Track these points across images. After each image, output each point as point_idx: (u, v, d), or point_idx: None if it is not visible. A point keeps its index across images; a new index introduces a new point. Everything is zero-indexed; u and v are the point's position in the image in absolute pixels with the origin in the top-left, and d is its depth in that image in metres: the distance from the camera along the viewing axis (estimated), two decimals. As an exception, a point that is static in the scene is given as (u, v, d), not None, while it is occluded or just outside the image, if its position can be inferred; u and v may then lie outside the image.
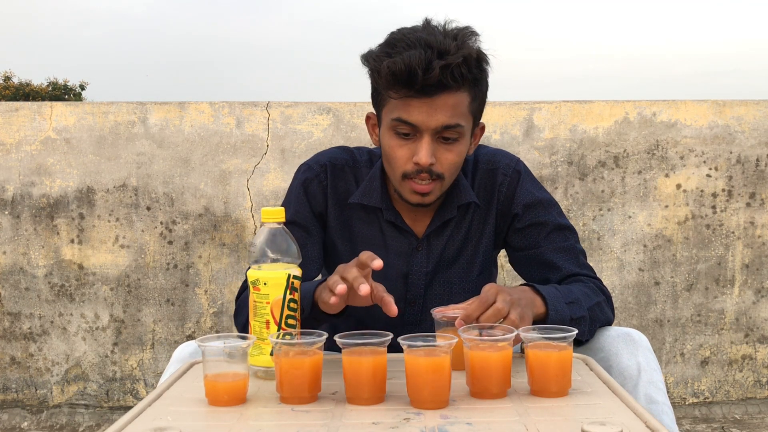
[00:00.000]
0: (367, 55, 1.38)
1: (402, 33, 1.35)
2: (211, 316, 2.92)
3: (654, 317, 2.97)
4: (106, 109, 2.89)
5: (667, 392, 1.40)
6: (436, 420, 1.01)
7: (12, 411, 2.93)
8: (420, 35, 1.32)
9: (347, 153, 1.58)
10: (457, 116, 1.36)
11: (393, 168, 1.41)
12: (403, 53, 1.30)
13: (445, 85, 1.32)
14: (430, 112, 1.34)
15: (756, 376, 3.01)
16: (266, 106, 2.90)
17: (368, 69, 1.39)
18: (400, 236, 1.52)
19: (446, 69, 1.29)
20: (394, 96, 1.35)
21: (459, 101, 1.35)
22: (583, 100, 2.93)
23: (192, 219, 2.90)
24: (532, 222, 1.51)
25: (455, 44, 1.31)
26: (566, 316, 1.35)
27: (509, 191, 1.52)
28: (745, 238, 2.96)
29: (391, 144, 1.40)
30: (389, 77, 1.32)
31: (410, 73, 1.29)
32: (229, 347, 1.10)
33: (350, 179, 1.54)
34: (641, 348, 1.36)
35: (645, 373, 1.33)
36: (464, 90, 1.35)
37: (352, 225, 1.53)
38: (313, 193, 1.53)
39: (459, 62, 1.30)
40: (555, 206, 1.54)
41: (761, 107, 2.94)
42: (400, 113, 1.36)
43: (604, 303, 1.46)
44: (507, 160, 1.54)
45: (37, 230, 2.90)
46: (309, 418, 1.03)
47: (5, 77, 27.27)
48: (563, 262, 1.49)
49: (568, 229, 1.53)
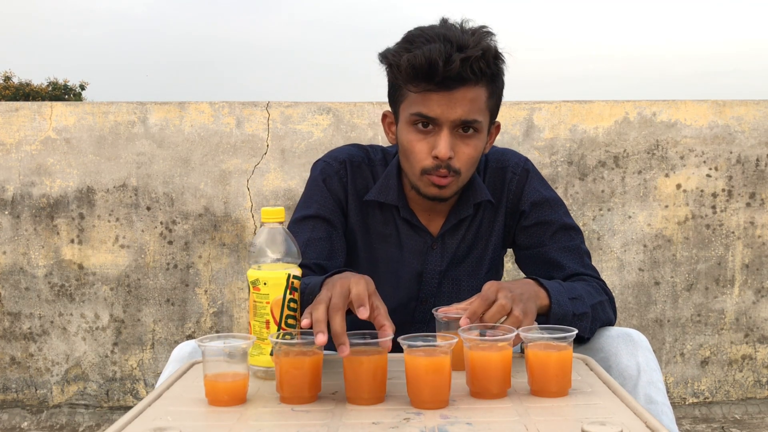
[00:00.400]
0: (385, 52, 1.40)
1: (420, 30, 1.37)
2: (211, 316, 2.92)
3: (654, 317, 2.97)
4: (106, 109, 2.89)
5: (666, 392, 1.40)
6: (436, 420, 1.01)
7: (12, 411, 2.93)
8: (439, 31, 1.34)
9: (363, 151, 1.59)
10: (475, 111, 1.37)
11: (412, 163, 1.42)
12: (423, 47, 1.32)
13: (465, 79, 1.33)
14: (449, 105, 1.35)
15: (756, 376, 3.01)
16: (266, 106, 2.90)
17: (386, 65, 1.40)
18: (416, 235, 1.53)
19: (466, 62, 1.31)
20: (413, 90, 1.36)
21: (477, 96, 1.36)
22: (583, 100, 2.93)
23: (192, 219, 2.90)
24: (539, 221, 1.52)
25: (473, 39, 1.33)
26: (569, 311, 1.35)
27: (518, 189, 1.53)
28: (745, 238, 2.96)
29: (410, 138, 1.40)
30: (409, 70, 1.33)
31: (431, 65, 1.31)
32: (229, 347, 1.10)
33: (368, 176, 1.55)
34: (641, 348, 1.36)
35: (644, 373, 1.33)
36: (482, 85, 1.37)
37: (368, 222, 1.54)
38: (335, 189, 1.53)
39: (478, 55, 1.32)
40: (561, 206, 1.55)
41: (761, 107, 2.94)
42: (419, 107, 1.37)
43: (607, 303, 1.47)
44: (516, 159, 1.56)
45: (37, 230, 2.90)
46: (309, 418, 1.03)
47: (5, 77, 27.27)
48: (568, 262, 1.50)
49: (573, 229, 1.54)
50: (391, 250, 1.54)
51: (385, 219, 1.53)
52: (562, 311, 1.34)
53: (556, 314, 1.33)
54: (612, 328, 1.43)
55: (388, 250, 1.54)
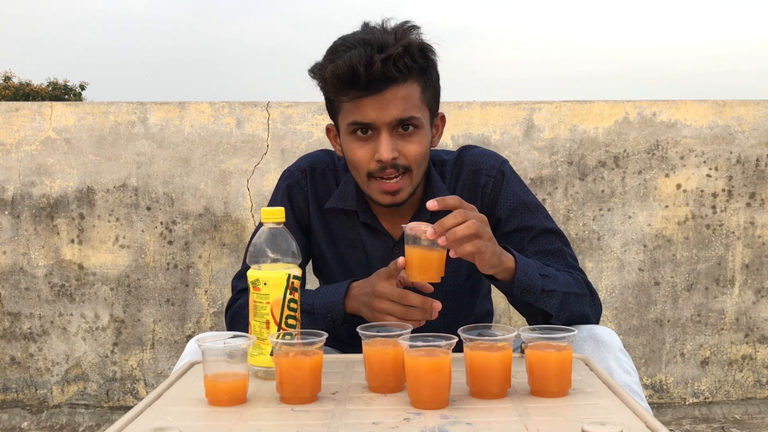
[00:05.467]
0: (313, 66, 1.40)
1: (342, 39, 1.37)
2: (211, 316, 2.92)
3: (654, 317, 2.97)
4: (106, 109, 2.89)
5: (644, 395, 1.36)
6: (436, 420, 1.01)
7: (12, 411, 2.93)
8: (359, 36, 1.34)
9: (328, 156, 1.59)
10: (411, 108, 1.36)
11: (357, 170, 1.42)
12: (344, 55, 1.32)
13: (391, 78, 1.32)
14: (382, 107, 1.34)
15: (756, 376, 3.01)
16: (266, 106, 2.90)
17: (317, 80, 1.40)
18: (376, 239, 1.52)
19: (388, 61, 1.31)
20: (345, 100, 1.36)
21: (409, 93, 1.36)
22: (583, 100, 2.93)
23: (192, 219, 2.90)
24: (519, 226, 1.48)
25: (394, 37, 1.33)
26: (537, 284, 1.32)
27: (493, 193, 1.50)
28: (745, 238, 2.96)
29: (351, 147, 1.40)
30: (335, 81, 1.33)
31: (353, 71, 1.30)
32: (229, 347, 1.10)
33: (331, 182, 1.55)
34: (611, 349, 1.31)
35: (618, 377, 1.28)
36: (412, 80, 1.36)
37: (333, 229, 1.54)
38: (296, 200, 1.54)
39: (399, 52, 1.31)
40: (541, 209, 1.51)
41: (761, 107, 2.94)
42: (354, 116, 1.36)
43: (586, 298, 1.41)
44: (492, 161, 1.52)
45: (37, 230, 2.90)
46: (309, 418, 1.03)
47: (5, 77, 27.28)
48: (551, 264, 1.44)
49: (555, 233, 1.49)
50: (359, 255, 1.54)
51: (349, 225, 1.53)
52: (529, 281, 1.31)
53: (521, 282, 1.30)
54: (580, 328, 1.35)
55: (356, 254, 1.54)
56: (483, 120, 2.90)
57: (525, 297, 1.33)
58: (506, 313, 2.92)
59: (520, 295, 1.32)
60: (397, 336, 1.13)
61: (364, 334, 1.15)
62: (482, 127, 2.90)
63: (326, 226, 1.54)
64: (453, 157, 1.55)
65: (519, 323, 2.90)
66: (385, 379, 1.13)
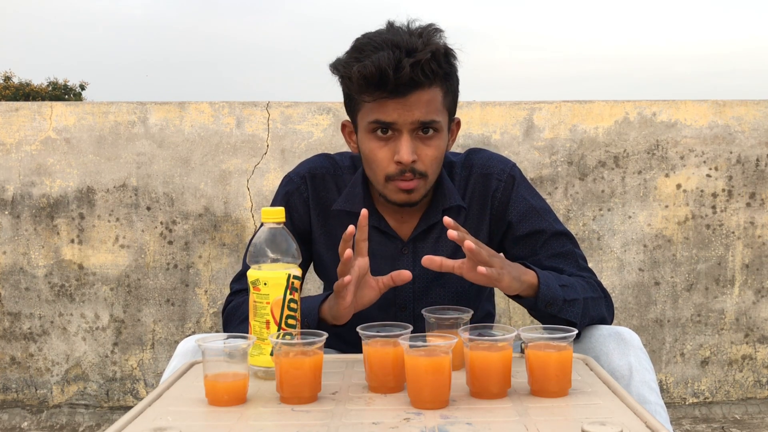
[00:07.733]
0: (336, 63, 1.39)
1: (367, 37, 1.36)
2: (211, 316, 2.92)
3: (654, 317, 2.97)
4: (106, 109, 2.89)
5: (660, 392, 1.39)
6: (436, 420, 1.01)
7: (12, 411, 2.93)
8: (386, 37, 1.33)
9: (328, 160, 1.58)
10: (433, 112, 1.36)
11: (375, 171, 1.41)
12: (371, 56, 1.31)
13: (417, 83, 1.32)
14: (405, 109, 1.34)
15: (756, 376, 3.01)
16: (266, 106, 2.90)
17: (338, 77, 1.39)
18: (386, 240, 1.51)
19: (416, 66, 1.30)
20: (367, 99, 1.36)
21: (432, 97, 1.36)
22: (583, 100, 2.93)
23: (192, 219, 2.90)
24: (530, 231, 1.50)
25: (421, 41, 1.32)
26: (559, 295, 1.35)
27: (504, 197, 1.51)
28: (745, 238, 2.96)
29: (371, 147, 1.40)
30: (361, 81, 1.33)
31: (381, 74, 1.30)
32: (229, 347, 1.10)
33: (331, 187, 1.54)
34: (633, 347, 1.34)
35: (637, 373, 1.31)
36: (436, 85, 1.36)
37: (337, 234, 1.52)
38: (295, 206, 1.54)
39: (428, 58, 1.31)
40: (550, 213, 1.53)
41: (761, 107, 2.94)
42: (376, 115, 1.36)
43: (601, 301, 1.45)
44: (502, 165, 1.53)
45: (37, 230, 2.90)
46: (309, 418, 1.03)
47: (5, 77, 27.29)
48: (562, 266, 1.48)
49: (565, 236, 1.52)
50: None
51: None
52: (551, 293, 1.34)
53: (545, 296, 1.33)
54: (603, 327, 1.42)
55: None
56: (483, 120, 2.90)
57: (549, 309, 1.36)
58: (506, 313, 2.92)
59: (545, 308, 1.35)
60: (397, 336, 1.13)
61: (364, 334, 1.15)
62: (482, 127, 2.90)
63: (329, 232, 1.54)
64: (461, 159, 1.55)
65: (519, 323, 2.91)
66: (385, 379, 1.13)
